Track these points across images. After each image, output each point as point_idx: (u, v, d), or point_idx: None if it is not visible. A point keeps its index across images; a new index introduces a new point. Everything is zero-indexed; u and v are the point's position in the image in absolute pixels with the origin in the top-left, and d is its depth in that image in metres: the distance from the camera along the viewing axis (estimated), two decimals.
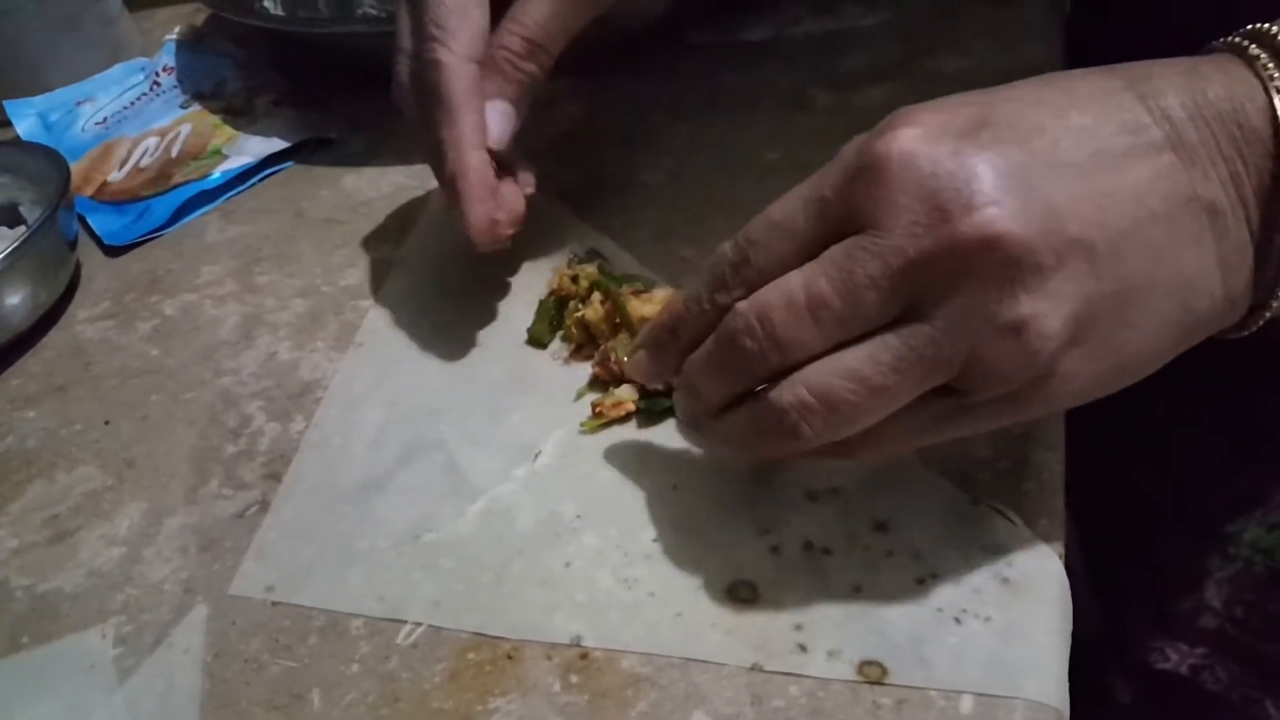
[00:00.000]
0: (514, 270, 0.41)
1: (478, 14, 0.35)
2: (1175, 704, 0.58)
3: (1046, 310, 0.23)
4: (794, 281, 0.25)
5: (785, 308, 0.25)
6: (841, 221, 0.25)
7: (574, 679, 0.28)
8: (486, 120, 0.36)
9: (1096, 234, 0.23)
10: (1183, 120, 0.24)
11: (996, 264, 0.23)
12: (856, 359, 0.24)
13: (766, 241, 0.26)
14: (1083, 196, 0.23)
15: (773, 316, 0.25)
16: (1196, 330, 0.25)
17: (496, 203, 0.35)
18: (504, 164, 0.37)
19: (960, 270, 0.23)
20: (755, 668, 0.27)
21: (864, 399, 0.24)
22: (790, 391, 0.25)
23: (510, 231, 0.36)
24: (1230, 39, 0.25)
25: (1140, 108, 0.24)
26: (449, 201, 0.36)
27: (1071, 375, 0.24)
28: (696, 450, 0.33)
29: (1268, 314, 0.25)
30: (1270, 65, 0.24)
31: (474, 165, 0.35)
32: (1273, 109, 0.23)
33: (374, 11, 0.62)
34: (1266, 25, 0.25)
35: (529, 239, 0.40)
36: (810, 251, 0.25)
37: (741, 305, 0.26)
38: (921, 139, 0.24)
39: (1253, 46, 0.24)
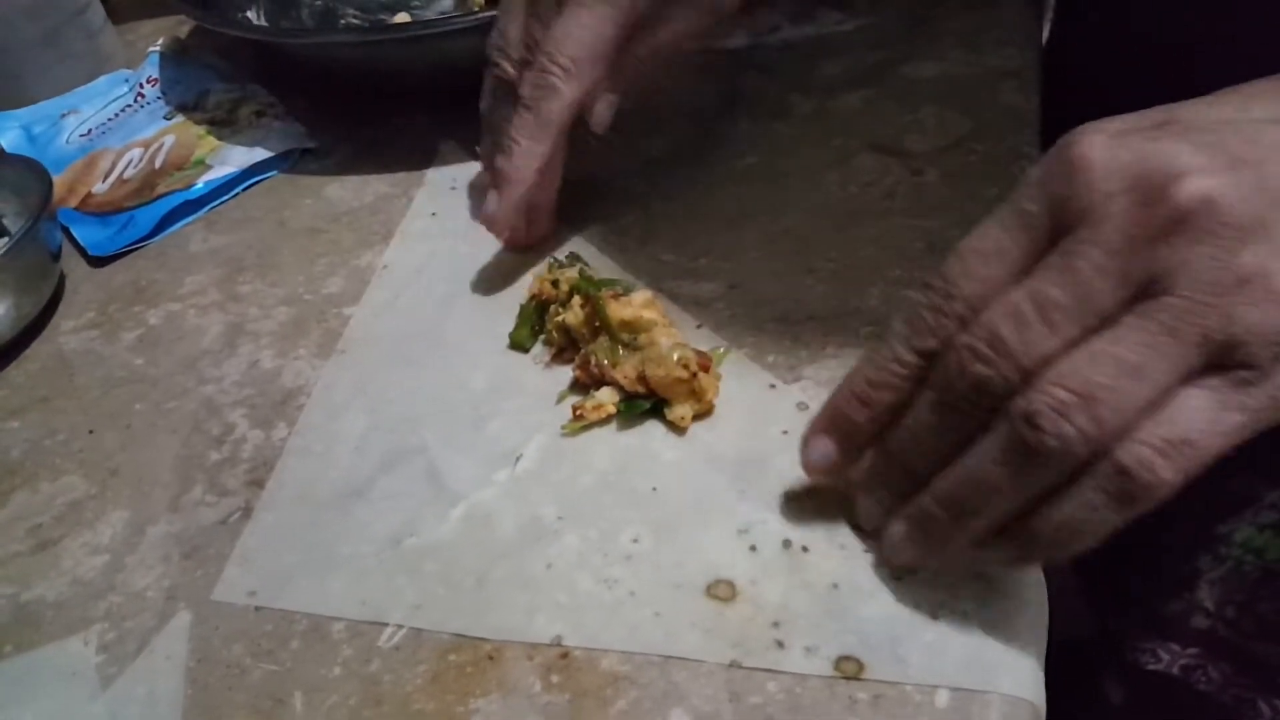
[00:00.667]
0: (497, 276, 0.42)
1: (602, 67, 0.37)
2: (1167, 704, 0.58)
3: None
4: (1015, 295, 0.24)
5: (1014, 321, 0.23)
6: (1049, 231, 0.24)
7: (555, 679, 0.28)
8: (598, 109, 0.39)
9: None
10: None
11: (1218, 224, 0.22)
12: (1103, 343, 0.23)
13: (968, 271, 0.25)
14: None
15: (1002, 333, 0.23)
16: None
17: (525, 214, 0.41)
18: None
19: (1184, 238, 0.22)
20: (733, 665, 0.27)
21: (1121, 380, 0.22)
22: (1040, 394, 0.23)
23: (530, 241, 0.42)
24: None
25: None
26: (492, 183, 0.40)
27: None
28: (674, 453, 0.33)
29: None
30: None
31: (528, 178, 0.38)
32: None
33: (356, 21, 0.63)
34: None
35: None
36: (1023, 267, 0.24)
37: (961, 337, 0.24)
38: (1116, 133, 0.24)
39: None
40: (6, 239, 0.47)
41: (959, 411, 0.25)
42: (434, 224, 0.46)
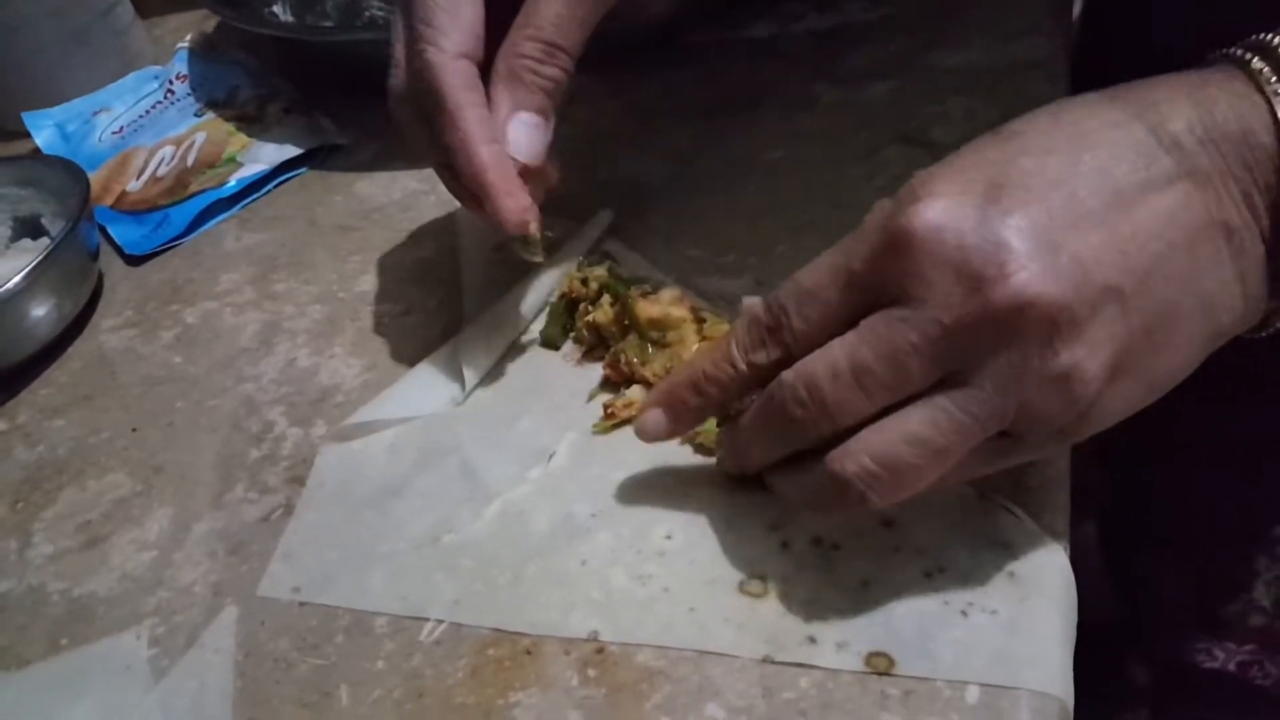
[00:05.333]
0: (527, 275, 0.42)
1: (468, 9, 0.33)
2: (1220, 699, 0.59)
3: (1086, 355, 0.24)
4: (836, 352, 0.26)
5: (831, 377, 0.26)
6: (872, 293, 0.26)
7: (591, 673, 0.29)
8: (514, 135, 0.34)
9: (1124, 278, 0.24)
10: (1193, 147, 0.24)
11: (1034, 324, 0.23)
12: (916, 424, 0.25)
13: (798, 308, 0.27)
14: (1107, 244, 0.24)
15: (820, 385, 0.26)
16: (1220, 337, 0.25)
17: (524, 193, 0.34)
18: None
19: (1000, 333, 0.24)
20: (766, 660, 0.28)
21: (927, 460, 0.25)
22: (854, 461, 0.26)
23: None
24: (1233, 50, 0.25)
25: (1151, 139, 0.24)
26: (471, 209, 0.36)
27: (1111, 403, 0.25)
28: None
29: None
30: (1274, 79, 0.24)
31: (489, 161, 0.33)
32: (1277, 125, 0.24)
33: (380, 14, 0.63)
34: (1269, 36, 0.25)
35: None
36: (842, 319, 0.26)
37: (787, 375, 0.27)
38: (944, 211, 0.24)
39: (1255, 59, 0.24)
40: (47, 240, 0.48)
41: (776, 434, 0.28)
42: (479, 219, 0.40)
